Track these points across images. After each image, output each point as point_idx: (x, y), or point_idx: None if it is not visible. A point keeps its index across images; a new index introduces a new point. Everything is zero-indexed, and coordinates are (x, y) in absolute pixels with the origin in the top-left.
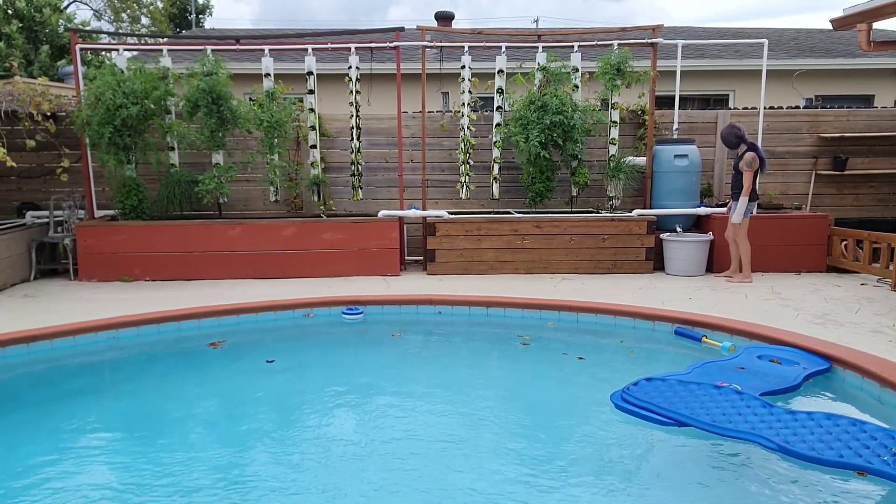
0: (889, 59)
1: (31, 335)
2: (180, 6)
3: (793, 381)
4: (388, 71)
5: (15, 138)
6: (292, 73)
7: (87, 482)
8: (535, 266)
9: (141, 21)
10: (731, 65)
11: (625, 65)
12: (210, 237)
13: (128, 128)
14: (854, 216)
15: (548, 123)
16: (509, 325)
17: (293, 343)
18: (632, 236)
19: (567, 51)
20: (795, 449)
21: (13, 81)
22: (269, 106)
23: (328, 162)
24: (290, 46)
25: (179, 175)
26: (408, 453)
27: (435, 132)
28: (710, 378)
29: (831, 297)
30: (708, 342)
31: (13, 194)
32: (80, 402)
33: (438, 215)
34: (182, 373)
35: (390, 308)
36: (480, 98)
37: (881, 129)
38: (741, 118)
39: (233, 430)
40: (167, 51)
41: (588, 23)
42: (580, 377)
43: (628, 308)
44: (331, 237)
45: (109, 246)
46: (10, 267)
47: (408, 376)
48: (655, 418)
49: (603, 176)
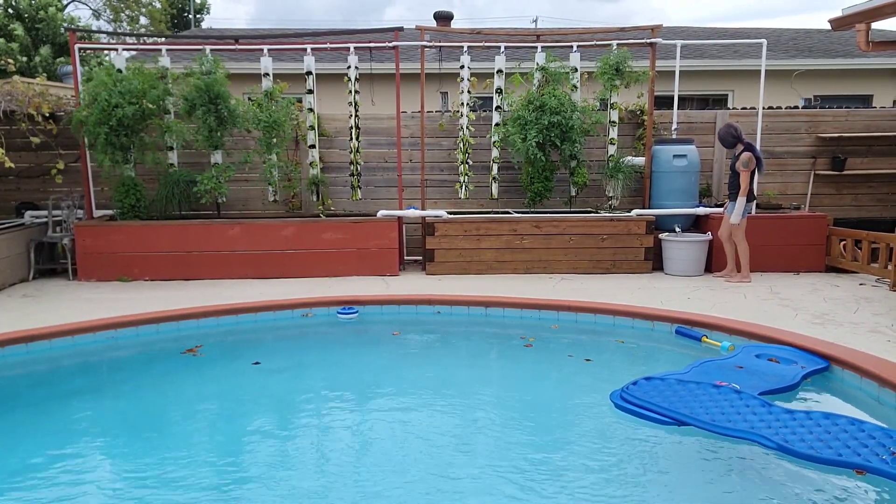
0: (888, 60)
1: (30, 335)
2: (178, 6)
3: (791, 381)
4: (387, 71)
5: (14, 138)
6: (291, 72)
7: (87, 482)
8: (534, 266)
9: (140, 21)
10: (729, 65)
11: (624, 65)
12: (209, 237)
13: (124, 127)
14: (853, 216)
15: (546, 124)
16: (508, 325)
17: (292, 343)
18: (631, 236)
19: (566, 51)
20: (794, 448)
21: (12, 81)
22: (267, 106)
23: (327, 162)
24: (289, 46)
25: (178, 175)
26: (408, 453)
27: (434, 132)
28: (709, 377)
29: (830, 297)
30: (707, 342)
31: (12, 194)
32: (78, 401)
33: (437, 215)
34: (182, 373)
35: (389, 308)
36: (479, 98)
37: (880, 129)
38: (740, 118)
39: (233, 429)
40: (166, 50)
41: (585, 23)
42: (579, 377)
43: (628, 308)
44: (330, 237)
45: (108, 246)
46: (9, 267)
47: (407, 376)
48: (655, 417)
49: (602, 176)
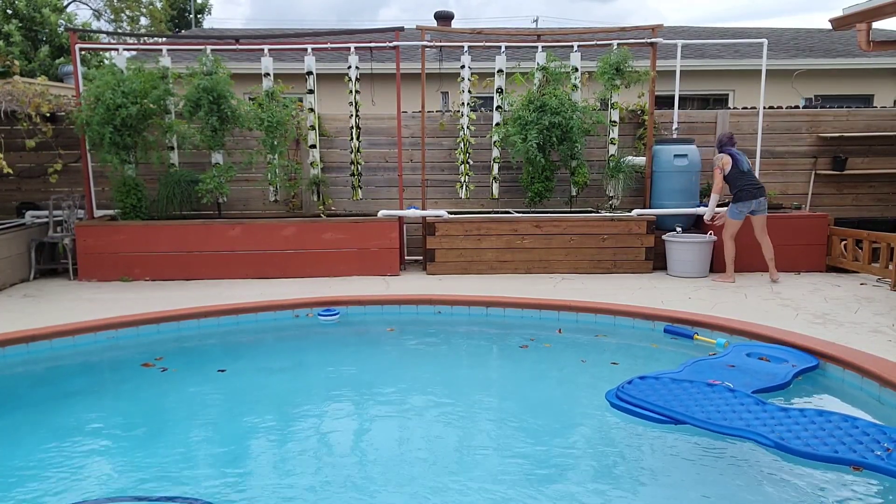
0: (888, 59)
1: (31, 335)
2: (179, 6)
3: (783, 379)
4: (387, 71)
5: (14, 138)
6: (292, 72)
7: (87, 482)
8: (534, 266)
9: (140, 21)
10: (730, 65)
11: (624, 64)
12: (210, 237)
13: (128, 127)
14: (853, 216)
15: (546, 124)
16: (509, 325)
17: (293, 343)
18: (631, 236)
19: (566, 51)
20: (791, 445)
21: (13, 81)
22: (268, 105)
23: (328, 162)
24: (290, 46)
25: (179, 175)
26: (406, 454)
27: (434, 132)
28: (702, 376)
29: (831, 297)
30: (700, 339)
31: (13, 194)
32: (79, 401)
33: (438, 215)
34: (182, 373)
35: (390, 308)
36: (480, 98)
37: (881, 129)
38: (741, 118)
39: (233, 429)
40: (167, 50)
41: (581, 23)
42: (579, 377)
43: (628, 308)
44: (330, 237)
45: (109, 246)
46: (10, 267)
47: (406, 376)
48: (651, 416)
49: (602, 176)
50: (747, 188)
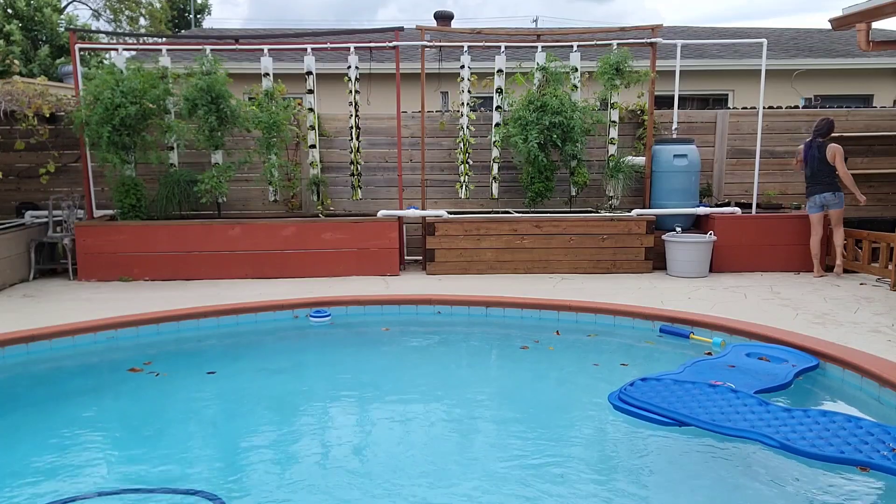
0: (888, 59)
1: (30, 335)
2: (178, 6)
3: (784, 379)
4: (387, 71)
5: (14, 138)
6: (291, 72)
7: (87, 482)
8: (534, 266)
9: (139, 21)
10: (730, 64)
11: (624, 64)
12: (209, 237)
13: (126, 127)
14: (853, 216)
15: (546, 124)
16: (509, 325)
17: (293, 343)
18: (631, 236)
19: (566, 51)
20: (797, 446)
21: (13, 81)
22: (267, 105)
23: (327, 162)
24: (290, 46)
25: (178, 175)
26: (406, 454)
27: (434, 132)
28: (703, 377)
29: (831, 297)
30: (697, 339)
31: (12, 194)
32: (79, 402)
33: (438, 215)
34: (182, 373)
35: (389, 308)
36: (480, 97)
37: (880, 129)
38: (740, 118)
39: (233, 429)
40: (166, 50)
41: (580, 23)
42: (579, 378)
43: (628, 308)
44: (330, 237)
45: (109, 246)
46: (10, 267)
47: (405, 376)
48: (655, 418)
49: (602, 176)
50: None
